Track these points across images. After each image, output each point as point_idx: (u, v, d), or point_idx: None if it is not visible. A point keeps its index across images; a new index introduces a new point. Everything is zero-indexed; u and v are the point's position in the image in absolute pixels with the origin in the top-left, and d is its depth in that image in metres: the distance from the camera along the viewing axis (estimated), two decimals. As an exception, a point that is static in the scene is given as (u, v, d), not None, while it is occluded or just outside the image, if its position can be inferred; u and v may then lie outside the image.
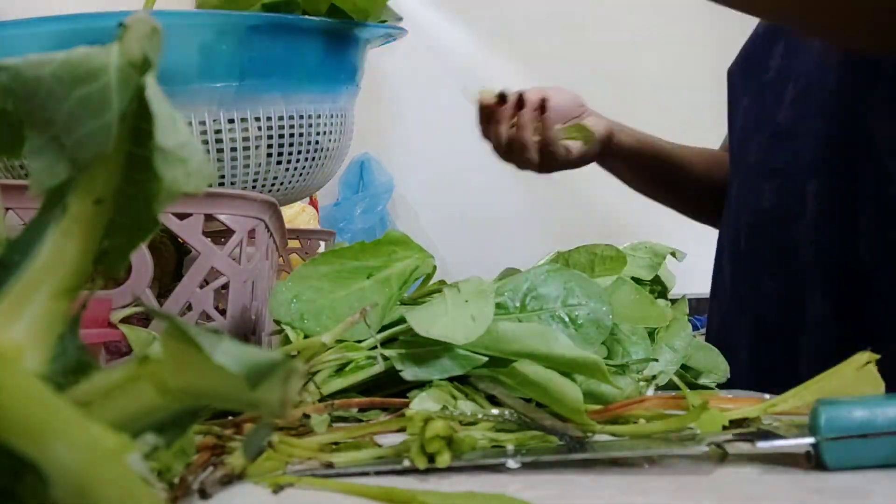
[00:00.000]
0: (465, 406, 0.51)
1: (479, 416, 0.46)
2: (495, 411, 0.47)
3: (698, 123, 1.62)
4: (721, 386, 0.69)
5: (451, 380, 0.55)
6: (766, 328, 0.87)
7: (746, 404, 0.46)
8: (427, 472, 0.39)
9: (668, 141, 1.08)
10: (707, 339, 0.93)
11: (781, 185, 0.85)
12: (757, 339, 0.88)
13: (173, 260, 0.71)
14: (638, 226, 1.85)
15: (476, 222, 2.79)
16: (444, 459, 0.38)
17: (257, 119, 0.69)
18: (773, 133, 0.87)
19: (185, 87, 0.66)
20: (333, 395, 0.55)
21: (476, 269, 0.52)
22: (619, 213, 2.35)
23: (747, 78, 0.95)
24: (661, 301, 0.72)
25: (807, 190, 0.83)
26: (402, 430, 0.45)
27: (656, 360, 0.63)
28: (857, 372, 0.43)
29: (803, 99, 0.85)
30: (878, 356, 0.44)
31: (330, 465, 0.39)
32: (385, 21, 0.77)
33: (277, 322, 0.58)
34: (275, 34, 0.68)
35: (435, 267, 0.64)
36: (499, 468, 0.39)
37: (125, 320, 0.60)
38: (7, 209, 0.56)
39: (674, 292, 0.74)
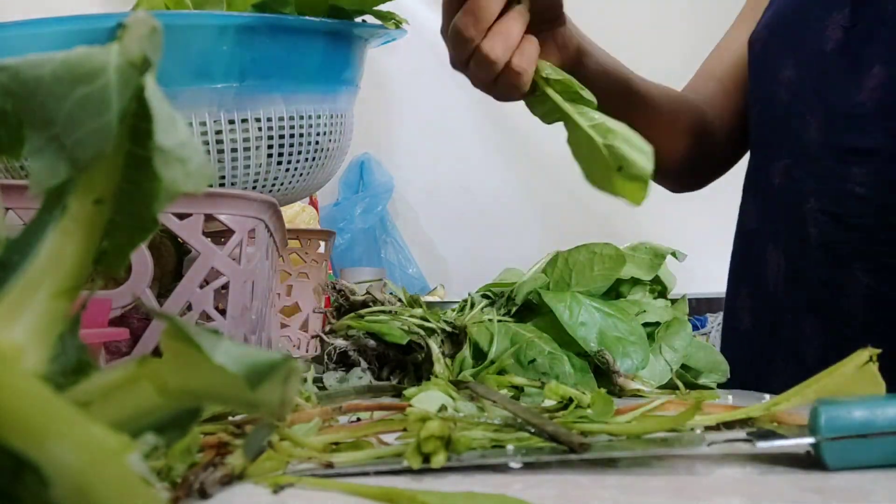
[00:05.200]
0: (467, 407, 0.51)
1: (480, 419, 0.46)
2: (497, 420, 0.46)
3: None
4: (721, 386, 0.69)
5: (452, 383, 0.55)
6: (853, 329, 0.76)
7: (746, 404, 0.46)
8: (427, 472, 0.39)
9: (637, 75, 0.89)
10: (728, 338, 0.89)
11: (879, 171, 0.76)
12: (837, 342, 0.77)
13: (173, 260, 0.71)
14: (638, 226, 1.85)
15: (476, 222, 2.79)
16: (438, 460, 0.38)
17: (257, 120, 0.68)
18: (854, 113, 0.77)
19: (186, 88, 0.66)
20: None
21: (476, 269, 0.52)
22: (619, 213, 2.35)
23: (788, 48, 0.85)
24: (660, 301, 0.72)
25: None
26: (403, 430, 0.45)
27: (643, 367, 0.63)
28: (857, 372, 0.43)
29: None
30: (878, 350, 0.43)
31: (330, 465, 0.39)
32: (389, 17, 0.77)
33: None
34: (275, 35, 0.68)
35: None
36: (499, 468, 0.39)
37: (124, 320, 0.60)
38: (7, 209, 0.56)
39: (674, 292, 0.74)
